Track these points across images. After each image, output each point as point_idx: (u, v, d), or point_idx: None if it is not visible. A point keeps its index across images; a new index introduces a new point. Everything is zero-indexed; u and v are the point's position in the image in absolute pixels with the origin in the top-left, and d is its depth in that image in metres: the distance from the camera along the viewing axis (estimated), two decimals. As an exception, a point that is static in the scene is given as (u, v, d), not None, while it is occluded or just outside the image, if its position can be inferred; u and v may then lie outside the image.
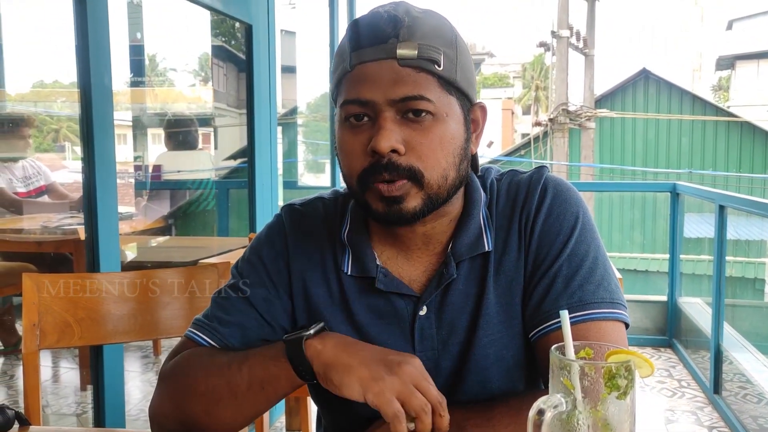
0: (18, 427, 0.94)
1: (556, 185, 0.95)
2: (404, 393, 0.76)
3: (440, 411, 0.77)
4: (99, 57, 1.90)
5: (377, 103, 0.82)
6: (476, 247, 0.92)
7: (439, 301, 0.92)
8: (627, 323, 0.91)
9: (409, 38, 0.82)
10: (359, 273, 0.93)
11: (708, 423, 3.00)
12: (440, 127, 0.84)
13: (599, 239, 0.94)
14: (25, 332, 1.41)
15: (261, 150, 2.99)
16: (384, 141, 0.81)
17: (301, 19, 5.19)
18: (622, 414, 0.59)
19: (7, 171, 3.46)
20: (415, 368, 0.78)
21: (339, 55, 0.88)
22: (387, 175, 0.83)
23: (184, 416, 0.92)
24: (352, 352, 0.81)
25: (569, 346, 0.63)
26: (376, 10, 0.86)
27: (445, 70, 0.83)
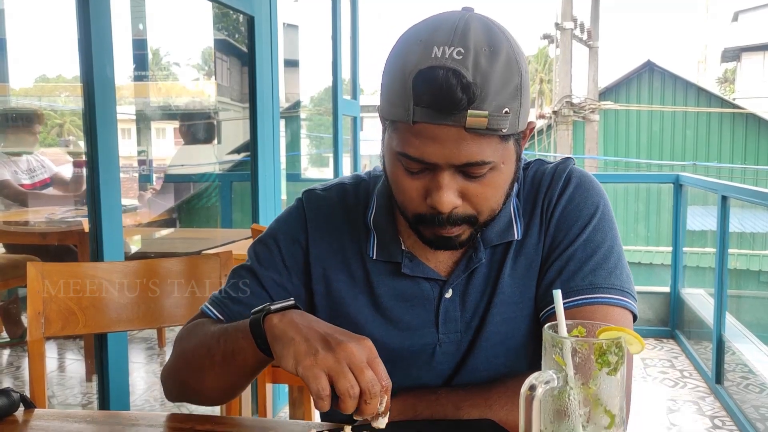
0: (23, 410, 0.96)
1: (581, 176, 0.97)
2: (334, 370, 0.74)
3: (366, 398, 0.74)
4: (101, 51, 1.91)
5: (438, 165, 0.81)
6: (506, 234, 0.94)
7: (465, 285, 0.95)
8: (635, 314, 0.92)
9: (480, 106, 0.77)
10: (385, 258, 0.95)
11: (710, 413, 3.00)
12: (497, 176, 0.84)
13: (617, 232, 0.96)
14: (30, 320, 1.42)
15: (264, 143, 3.00)
16: (446, 203, 0.82)
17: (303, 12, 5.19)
18: (613, 390, 0.60)
19: (12, 164, 3.49)
20: (360, 349, 0.76)
21: (395, 95, 0.81)
22: (448, 227, 0.85)
23: (180, 381, 0.98)
24: (300, 327, 0.79)
25: (562, 325, 0.64)
26: (441, 57, 0.76)
27: (509, 128, 0.81)
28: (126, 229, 3.45)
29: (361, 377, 0.74)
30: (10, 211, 3.45)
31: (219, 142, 5.55)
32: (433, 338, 0.95)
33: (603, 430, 0.60)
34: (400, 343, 0.96)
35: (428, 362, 0.96)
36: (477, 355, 0.94)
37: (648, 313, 4.22)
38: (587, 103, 11.22)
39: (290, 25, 4.61)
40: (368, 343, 0.78)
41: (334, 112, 4.00)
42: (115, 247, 2.01)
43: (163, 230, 4.11)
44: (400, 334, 0.95)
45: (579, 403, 0.60)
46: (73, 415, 0.95)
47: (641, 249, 11.12)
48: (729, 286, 3.24)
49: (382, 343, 0.95)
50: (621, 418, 0.61)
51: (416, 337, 0.95)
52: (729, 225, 3.14)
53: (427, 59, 0.77)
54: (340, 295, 0.97)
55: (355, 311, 0.96)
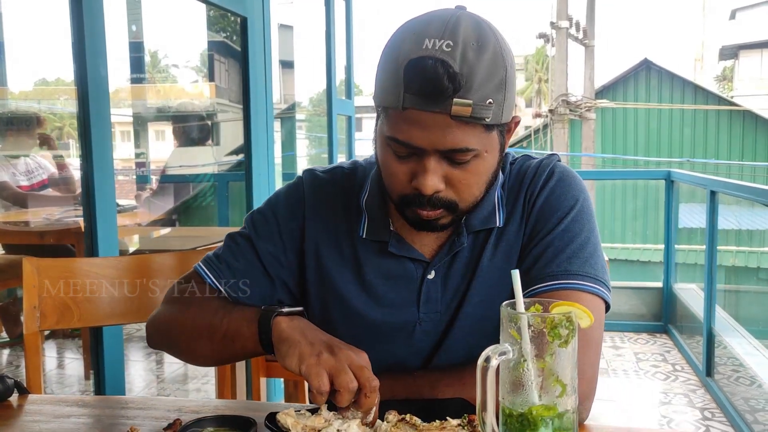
0: (17, 395, 1.00)
1: (563, 171, 1.03)
2: (335, 368, 0.80)
3: (366, 392, 0.80)
4: (95, 52, 1.95)
5: (425, 149, 0.87)
6: (488, 221, 0.99)
7: (447, 267, 1.00)
8: (608, 303, 0.96)
9: (465, 95, 0.82)
10: (374, 237, 1.01)
11: (700, 405, 3.04)
12: (480, 164, 0.90)
13: (595, 226, 1.01)
14: (26, 314, 1.46)
15: (257, 142, 3.04)
16: (429, 186, 0.88)
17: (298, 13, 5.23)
18: (564, 361, 0.64)
19: (10, 166, 3.53)
20: (358, 356, 0.83)
21: (387, 85, 0.86)
22: (428, 208, 0.91)
23: (170, 340, 1.04)
24: (306, 333, 0.87)
25: (519, 302, 0.68)
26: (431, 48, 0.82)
27: (493, 118, 0.86)
28: (124, 229, 3.50)
29: (360, 374, 0.81)
30: (8, 212, 3.49)
31: (217, 144, 5.59)
32: (414, 316, 1.00)
33: (555, 398, 0.64)
34: (381, 319, 1.00)
35: (408, 339, 1.00)
36: (455, 335, 0.99)
37: (641, 309, 4.26)
38: (583, 102, 11.26)
39: (285, 26, 4.65)
40: (364, 355, 0.85)
41: (329, 112, 4.04)
42: (110, 245, 2.04)
43: (160, 229, 4.15)
44: (382, 310, 1.00)
45: (533, 374, 0.64)
46: (65, 400, 0.99)
47: (640, 247, 11.17)
48: (727, 283, 3.28)
49: (365, 317, 1.00)
50: (572, 387, 0.65)
51: (398, 314, 1.00)
52: (718, 219, 3.18)
53: (419, 50, 0.83)
54: (329, 271, 1.03)
55: (341, 286, 1.02)
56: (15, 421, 0.93)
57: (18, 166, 3.58)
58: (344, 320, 1.03)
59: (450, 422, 0.81)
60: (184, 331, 1.01)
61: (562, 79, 11.30)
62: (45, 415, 0.93)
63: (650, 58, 14.20)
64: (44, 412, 0.95)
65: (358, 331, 1.02)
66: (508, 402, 0.65)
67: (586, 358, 0.89)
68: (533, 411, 0.64)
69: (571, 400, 0.65)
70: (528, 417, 0.64)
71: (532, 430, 0.64)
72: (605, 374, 3.46)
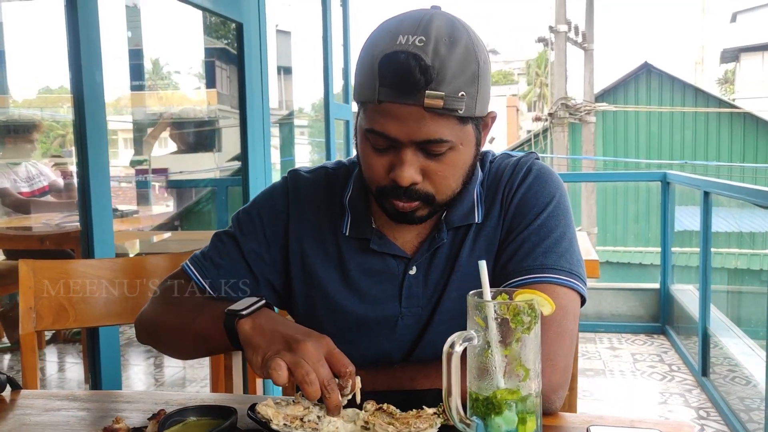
0: (10, 390, 1.03)
1: (540, 169, 1.05)
2: (292, 363, 0.80)
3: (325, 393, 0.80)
4: (90, 60, 1.98)
5: (401, 141, 0.90)
6: (467, 218, 1.02)
7: (428, 263, 1.02)
8: (583, 296, 0.99)
9: (437, 87, 0.86)
10: (356, 234, 1.04)
11: (695, 404, 3.06)
12: (455, 156, 0.93)
13: (571, 221, 1.03)
14: (22, 315, 1.50)
15: (254, 147, 3.07)
16: (405, 175, 0.91)
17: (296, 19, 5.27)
18: (528, 347, 0.67)
19: (11, 173, 3.57)
20: (317, 346, 0.82)
21: (365, 80, 0.90)
22: (405, 199, 0.93)
23: (154, 336, 1.07)
24: (266, 332, 0.86)
25: (486, 292, 0.70)
26: (404, 44, 0.86)
27: (466, 110, 0.89)
28: (123, 233, 3.53)
29: (318, 372, 0.81)
30: (9, 217, 3.53)
31: (219, 150, 5.63)
32: (396, 311, 1.03)
33: (519, 382, 0.67)
34: (365, 314, 1.03)
35: (391, 333, 1.03)
36: (435, 328, 1.01)
37: (639, 310, 4.28)
38: (583, 105, 11.29)
39: (282, 32, 4.69)
40: (326, 340, 0.85)
41: (326, 117, 4.07)
42: (106, 247, 2.08)
43: (160, 233, 4.19)
44: (365, 306, 1.03)
45: (498, 360, 0.66)
46: (56, 395, 1.02)
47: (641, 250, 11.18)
48: (730, 285, 3.29)
49: (349, 313, 1.03)
50: (535, 372, 0.67)
51: (380, 309, 1.03)
52: (711, 220, 3.20)
53: (393, 45, 0.87)
54: (314, 268, 1.06)
55: (325, 283, 1.05)
56: (7, 414, 0.95)
57: (19, 172, 3.62)
58: (329, 316, 1.05)
59: (426, 411, 0.83)
60: (164, 328, 1.04)
61: (562, 82, 11.33)
62: (36, 409, 0.96)
63: (650, 62, 14.22)
64: (35, 405, 0.97)
65: (342, 326, 1.04)
66: (474, 387, 0.68)
67: (560, 349, 0.92)
68: (497, 395, 0.66)
69: (534, 384, 0.67)
70: (493, 400, 0.66)
71: (497, 413, 0.66)
72: (602, 375, 3.48)
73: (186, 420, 0.82)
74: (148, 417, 0.83)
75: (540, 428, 0.69)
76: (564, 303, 0.95)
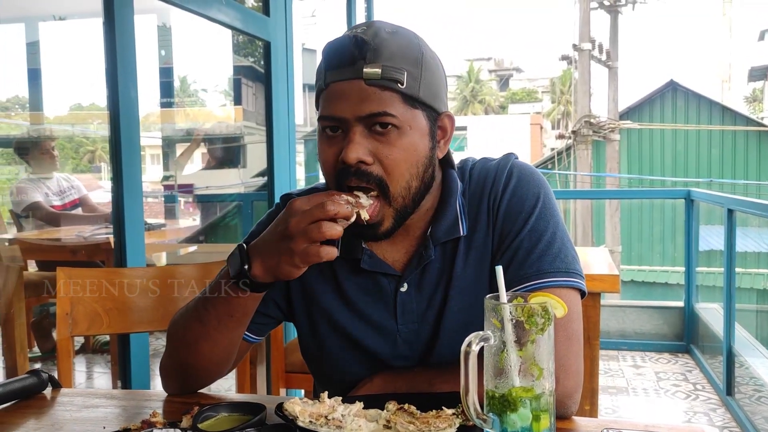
0: (51, 389, 1.08)
1: (521, 169, 1.07)
2: (308, 236, 0.88)
3: (336, 217, 0.88)
4: (126, 77, 2.06)
5: (347, 119, 0.94)
6: (452, 232, 1.04)
7: (419, 279, 1.05)
8: (583, 290, 1.01)
9: (374, 60, 0.92)
10: (347, 255, 1.06)
11: (720, 423, 3.03)
12: (404, 139, 0.95)
13: (559, 216, 1.05)
14: (59, 320, 1.56)
15: (279, 163, 3.14)
16: (351, 153, 0.93)
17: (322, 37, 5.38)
18: (542, 347, 0.70)
19: (43, 186, 3.68)
20: (294, 217, 0.90)
21: (317, 73, 0.98)
22: (355, 180, 0.95)
23: (177, 363, 1.07)
24: (269, 243, 0.94)
25: (503, 295, 0.74)
26: (348, 33, 0.95)
27: (408, 87, 0.93)
28: (153, 246, 3.61)
29: (319, 215, 0.88)
30: (42, 230, 3.64)
31: (244, 166, 5.73)
32: (393, 328, 1.05)
33: (533, 381, 0.70)
34: (364, 332, 1.06)
35: (392, 350, 1.06)
36: (442, 342, 1.04)
37: (663, 328, 4.25)
38: (607, 123, 11.26)
39: (308, 50, 4.79)
40: (294, 205, 0.91)
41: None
42: (138, 258, 2.15)
43: (188, 246, 4.28)
44: (364, 326, 1.06)
45: (513, 360, 0.70)
46: (94, 393, 1.08)
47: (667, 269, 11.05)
48: (757, 304, 3.27)
49: (350, 332, 1.06)
50: (549, 371, 0.71)
51: (378, 327, 1.05)
52: (736, 237, 3.19)
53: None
54: (313, 290, 1.09)
55: (326, 304, 1.08)
56: (48, 410, 1.01)
57: (51, 185, 3.73)
58: (331, 334, 1.08)
59: (445, 411, 0.87)
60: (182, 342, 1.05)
61: (585, 100, 11.33)
62: (75, 406, 1.01)
63: (676, 80, 14.14)
64: (74, 403, 1.03)
65: (344, 344, 1.07)
66: (491, 385, 0.72)
67: (570, 353, 0.95)
68: (513, 392, 0.70)
69: (548, 383, 0.71)
70: (508, 398, 0.70)
71: (513, 410, 0.70)
72: (625, 393, 3.46)
73: (218, 415, 0.87)
74: (182, 412, 0.88)
75: (553, 425, 0.72)
76: (567, 305, 0.98)
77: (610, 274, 2.34)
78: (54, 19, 4.64)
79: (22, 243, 3.34)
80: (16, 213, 3.66)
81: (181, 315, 1.07)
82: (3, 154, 5.27)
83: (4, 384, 1.01)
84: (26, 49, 4.30)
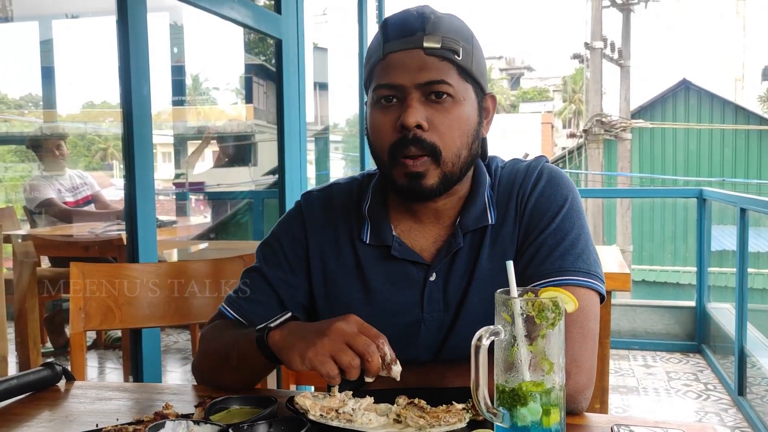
0: (65, 381, 1.10)
1: (551, 172, 1.08)
2: (334, 350, 0.85)
3: (366, 357, 0.85)
4: (139, 74, 2.08)
5: (405, 87, 0.98)
6: (481, 220, 1.05)
7: (447, 269, 1.06)
8: (602, 294, 1.01)
9: (433, 32, 0.97)
10: (377, 242, 1.08)
11: (731, 423, 3.01)
12: (458, 108, 1.00)
13: (585, 221, 1.06)
14: (72, 315, 1.57)
15: (291, 161, 3.15)
16: (411, 117, 0.97)
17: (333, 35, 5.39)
18: (552, 342, 0.70)
19: (56, 182, 3.71)
20: (347, 325, 0.88)
21: (371, 48, 1.03)
22: (413, 149, 0.98)
23: (205, 375, 1.10)
24: (297, 332, 0.92)
25: (513, 289, 0.74)
26: (406, 9, 1.01)
27: (463, 60, 0.99)
28: (164, 243, 3.64)
29: (355, 343, 0.86)
30: (55, 226, 3.67)
31: (255, 164, 5.75)
32: (418, 317, 1.06)
33: (544, 375, 0.70)
34: (387, 323, 1.06)
35: (414, 338, 1.06)
36: (459, 333, 1.04)
37: (674, 328, 4.22)
38: (618, 122, 11.20)
39: (319, 48, 4.80)
40: (353, 317, 0.90)
41: (360, 132, 4.15)
42: (150, 254, 2.16)
43: (199, 243, 4.30)
44: (387, 315, 1.06)
45: (524, 354, 0.70)
46: (107, 386, 1.09)
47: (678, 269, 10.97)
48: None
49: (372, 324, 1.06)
50: (559, 366, 0.71)
51: (402, 316, 1.06)
52: (748, 236, 3.17)
53: None
54: (335, 283, 1.10)
55: (347, 297, 1.08)
56: (63, 402, 1.02)
57: (63, 181, 3.75)
58: None
59: (455, 406, 0.87)
60: (212, 365, 1.07)
61: (597, 99, 11.28)
62: (89, 399, 1.02)
63: (689, 78, 14.05)
64: (88, 395, 1.04)
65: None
66: (501, 379, 0.72)
67: (583, 350, 0.95)
68: (523, 387, 0.70)
69: (558, 378, 0.71)
70: (518, 392, 0.70)
71: (523, 404, 0.70)
72: (635, 392, 3.45)
73: (230, 408, 0.88)
74: (194, 404, 0.89)
75: (563, 420, 0.72)
76: (584, 304, 0.98)
77: (621, 272, 2.33)
78: (67, 17, 4.67)
79: (36, 239, 3.37)
80: (30, 209, 3.70)
81: (213, 338, 1.09)
82: (16, 152, 5.32)
83: (19, 376, 1.02)
84: (40, 48, 4.34)
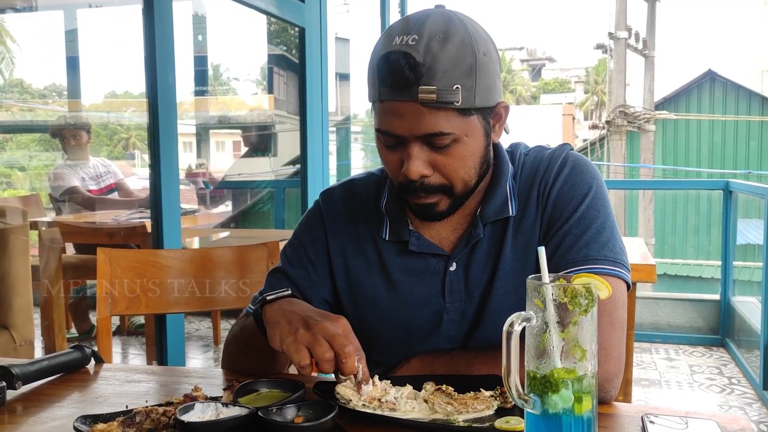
0: (94, 363, 1.11)
1: (576, 159, 1.06)
2: (311, 343, 0.85)
3: (341, 358, 0.85)
4: (164, 63, 2.09)
5: (405, 137, 0.95)
6: (502, 212, 1.04)
7: (467, 258, 1.05)
8: (628, 282, 1.00)
9: (428, 82, 0.89)
10: (395, 238, 1.07)
11: (756, 418, 2.97)
12: (462, 148, 0.96)
13: (610, 209, 1.04)
14: (98, 300, 1.59)
15: (313, 150, 3.16)
16: (413, 171, 0.95)
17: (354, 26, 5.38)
18: (585, 329, 0.69)
19: (80, 171, 3.75)
20: (334, 326, 0.87)
21: (371, 80, 0.96)
22: (422, 194, 0.98)
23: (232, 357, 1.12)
24: (286, 312, 0.92)
25: (545, 275, 0.74)
26: (398, 44, 0.91)
27: (463, 102, 0.92)
28: (187, 230, 3.67)
29: (333, 342, 0.86)
30: (80, 214, 3.71)
31: (275, 154, 5.77)
32: (441, 307, 1.05)
33: (576, 362, 0.69)
34: (411, 314, 1.06)
35: (437, 330, 1.06)
36: (486, 324, 1.04)
37: (698, 321, 4.17)
38: (642, 113, 11.06)
39: (341, 39, 4.79)
40: (342, 321, 0.90)
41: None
42: (174, 241, 2.18)
43: (221, 231, 4.33)
44: (410, 306, 1.06)
45: (555, 341, 0.69)
46: (136, 368, 1.10)
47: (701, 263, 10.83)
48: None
49: (396, 316, 1.07)
50: (591, 353, 0.70)
51: (425, 307, 1.06)
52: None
53: (388, 46, 0.92)
54: (358, 278, 1.10)
55: (371, 291, 1.08)
56: (92, 384, 1.03)
57: (87, 170, 3.79)
58: (377, 321, 1.09)
59: (483, 393, 0.87)
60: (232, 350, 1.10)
61: (620, 90, 11.14)
62: (118, 381, 1.04)
63: (714, 69, 13.82)
64: (117, 378, 1.05)
65: (390, 329, 1.08)
66: (532, 366, 0.71)
67: (612, 338, 0.94)
68: (555, 374, 0.69)
69: (590, 365, 0.70)
70: (550, 379, 0.69)
71: (554, 391, 0.69)
72: (658, 385, 3.42)
73: (259, 391, 0.88)
74: (223, 387, 0.89)
75: (595, 408, 0.71)
76: (612, 293, 0.97)
77: (645, 263, 2.30)
78: (91, 7, 4.70)
79: (62, 226, 3.42)
80: (54, 197, 3.74)
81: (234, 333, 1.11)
82: (41, 140, 5.39)
83: (50, 357, 1.04)
84: (65, 37, 4.38)
